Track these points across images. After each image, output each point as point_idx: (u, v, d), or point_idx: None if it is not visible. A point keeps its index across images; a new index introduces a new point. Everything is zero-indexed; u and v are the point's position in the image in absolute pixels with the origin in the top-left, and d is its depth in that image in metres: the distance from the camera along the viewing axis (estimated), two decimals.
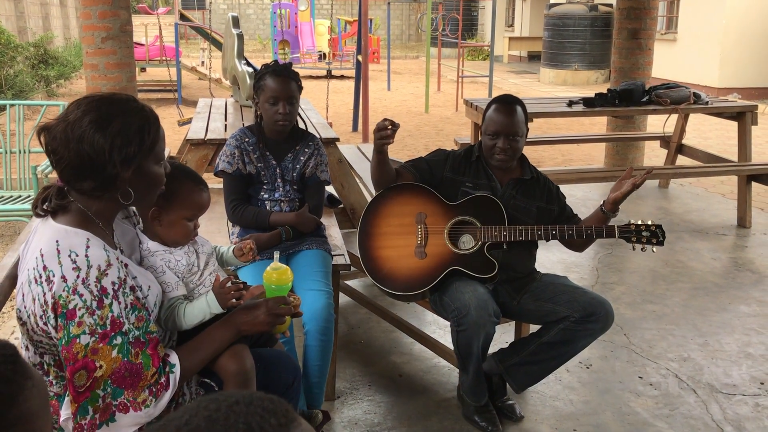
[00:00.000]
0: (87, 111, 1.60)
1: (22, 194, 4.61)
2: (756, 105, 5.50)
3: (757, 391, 3.07)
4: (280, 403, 0.73)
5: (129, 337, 1.58)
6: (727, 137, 9.21)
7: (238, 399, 0.72)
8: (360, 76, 9.32)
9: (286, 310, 1.85)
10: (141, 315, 1.62)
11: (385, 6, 24.58)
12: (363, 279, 3.95)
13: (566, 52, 15.99)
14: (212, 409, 0.71)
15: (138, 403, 1.60)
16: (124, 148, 1.59)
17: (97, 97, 1.65)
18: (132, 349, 1.59)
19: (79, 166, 1.59)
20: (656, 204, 6.03)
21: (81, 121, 1.58)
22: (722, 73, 13.03)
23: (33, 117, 8.91)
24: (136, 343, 1.59)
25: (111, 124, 1.59)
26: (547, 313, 2.67)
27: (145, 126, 1.64)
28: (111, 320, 1.56)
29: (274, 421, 0.70)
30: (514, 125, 2.75)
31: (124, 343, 1.58)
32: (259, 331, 1.85)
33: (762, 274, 4.45)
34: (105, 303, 1.56)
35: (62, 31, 18.08)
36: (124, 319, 1.58)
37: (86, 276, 1.54)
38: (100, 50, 5.53)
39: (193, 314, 1.82)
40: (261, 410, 0.71)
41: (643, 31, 6.60)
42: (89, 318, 1.54)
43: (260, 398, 0.72)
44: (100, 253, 1.58)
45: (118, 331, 1.57)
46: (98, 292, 1.55)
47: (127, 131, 1.60)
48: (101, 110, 1.60)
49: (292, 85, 2.81)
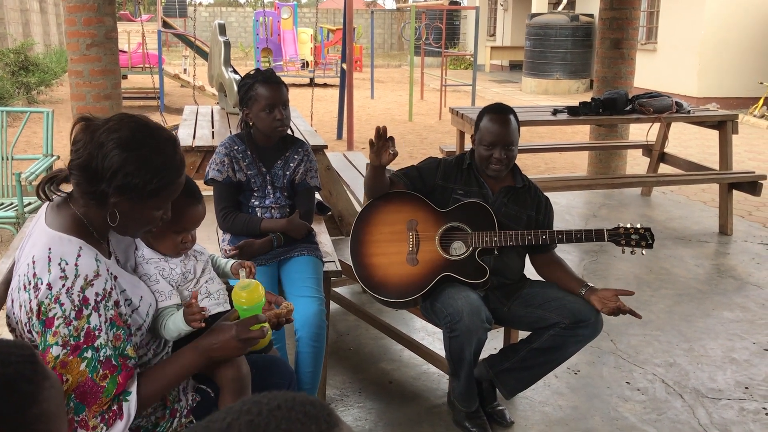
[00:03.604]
0: (125, 126, 1.59)
1: (5, 201, 4.56)
2: (737, 114, 5.59)
3: (742, 396, 3.11)
4: (322, 407, 0.73)
5: (100, 355, 1.54)
6: (707, 146, 9.35)
7: (280, 403, 0.72)
8: (345, 84, 9.33)
9: (257, 333, 1.70)
10: (119, 333, 1.58)
11: (367, 15, 24.68)
12: (351, 286, 3.96)
13: (548, 61, 16.15)
14: (254, 413, 0.71)
15: (90, 429, 1.55)
16: (127, 177, 1.56)
17: (143, 120, 1.64)
18: (100, 370, 1.54)
19: (85, 167, 1.58)
20: (639, 212, 6.09)
21: (114, 132, 1.57)
22: (701, 82, 13.22)
23: (14, 124, 8.81)
24: (106, 363, 1.55)
25: (133, 150, 1.57)
26: (537, 319, 2.69)
27: (161, 171, 1.60)
28: (86, 332, 1.53)
29: (315, 427, 0.70)
30: (509, 135, 2.77)
31: (94, 360, 1.53)
32: (233, 356, 1.75)
33: (744, 281, 4.51)
34: (84, 314, 1.53)
35: (42, 37, 17.94)
36: (101, 333, 1.54)
37: (72, 285, 1.53)
38: (84, 57, 5.51)
39: (170, 329, 1.78)
40: (302, 416, 0.71)
41: (626, 41, 6.69)
42: (64, 329, 1.51)
43: (302, 402, 0.72)
44: (90, 263, 1.57)
45: (90, 345, 1.53)
46: (79, 302, 1.53)
47: (141, 165, 1.57)
48: (136, 134, 1.59)
49: (283, 89, 2.82)
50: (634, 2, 6.65)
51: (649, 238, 2.71)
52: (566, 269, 2.82)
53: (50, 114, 4.75)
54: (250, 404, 0.72)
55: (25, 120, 4.91)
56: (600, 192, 6.55)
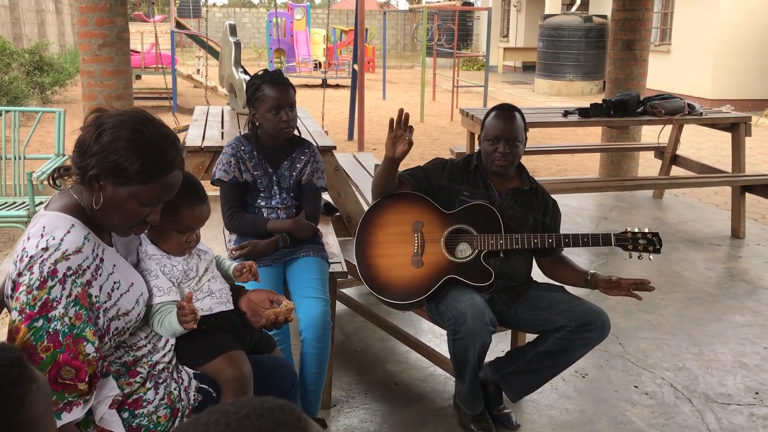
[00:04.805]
0: (130, 115, 1.62)
1: (17, 201, 4.60)
2: (750, 116, 5.53)
3: (752, 401, 3.08)
4: (292, 412, 0.71)
5: (50, 327, 1.50)
6: (721, 148, 9.27)
7: (248, 412, 0.70)
8: (356, 85, 9.34)
9: None
10: (80, 313, 1.54)
11: (380, 16, 24.69)
12: (359, 287, 3.95)
13: (561, 62, 16.08)
14: (223, 424, 0.69)
15: None
16: (113, 154, 1.57)
17: (151, 116, 1.67)
18: (45, 341, 1.49)
19: (81, 142, 1.61)
20: (651, 214, 6.05)
21: (118, 116, 1.61)
22: (715, 84, 13.12)
23: (28, 124, 8.88)
24: (53, 337, 1.50)
25: (127, 131, 1.59)
26: (543, 322, 2.67)
27: (148, 158, 1.59)
28: (43, 302, 1.50)
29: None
30: (514, 130, 2.77)
31: (43, 330, 1.49)
32: None
33: (756, 284, 4.46)
34: (47, 285, 1.51)
35: (57, 38, 18.08)
36: (59, 306, 1.51)
37: (48, 257, 1.53)
38: (96, 57, 5.54)
39: (166, 328, 1.78)
40: (272, 423, 0.69)
41: (638, 42, 6.65)
42: (24, 296, 1.51)
43: (271, 408, 0.71)
44: (76, 239, 1.58)
45: (43, 315, 1.50)
46: (47, 273, 1.51)
47: (130, 146, 1.58)
48: (137, 121, 1.61)
49: (290, 90, 2.83)
50: (646, 3, 6.61)
51: (657, 243, 2.68)
52: (570, 264, 2.84)
53: (62, 114, 4.79)
54: (218, 414, 0.70)
55: (37, 119, 4.94)
56: (611, 194, 6.51)
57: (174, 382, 1.82)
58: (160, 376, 1.81)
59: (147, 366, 1.79)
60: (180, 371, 1.86)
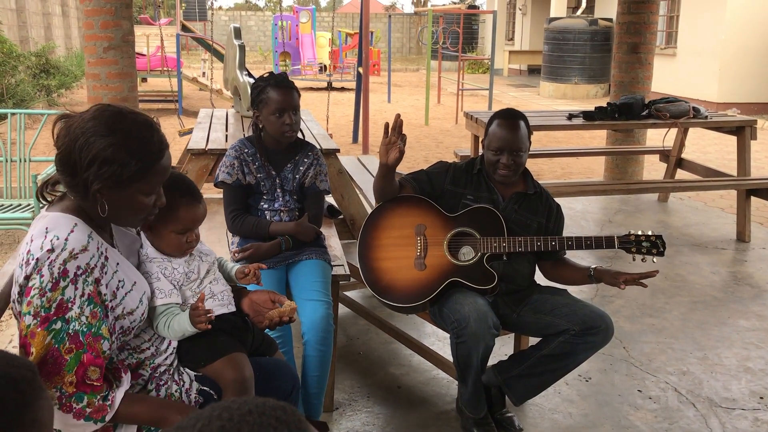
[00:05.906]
0: (98, 116, 1.59)
1: (22, 203, 4.62)
2: (755, 120, 5.51)
3: (757, 406, 3.06)
4: (293, 413, 0.73)
5: (69, 327, 1.52)
6: (726, 152, 9.24)
7: (251, 408, 0.72)
8: (361, 88, 9.35)
9: None
10: (96, 311, 1.57)
11: (386, 19, 24.71)
12: (362, 290, 3.95)
13: (566, 65, 16.07)
14: (225, 419, 0.71)
15: None
16: (104, 164, 1.56)
17: (116, 108, 1.64)
18: (67, 343, 1.52)
19: (65, 160, 1.58)
20: (655, 217, 6.03)
21: (88, 122, 1.58)
22: (721, 87, 13.08)
23: (34, 126, 8.92)
24: (74, 338, 1.53)
25: (107, 136, 1.56)
26: (546, 325, 2.66)
27: (138, 154, 1.59)
28: (58, 303, 1.52)
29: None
30: (517, 141, 2.74)
31: (63, 331, 1.52)
32: None
33: (761, 288, 4.44)
34: (60, 286, 1.52)
35: (64, 41, 18.16)
36: (74, 306, 1.53)
37: (56, 257, 1.53)
38: (101, 60, 5.55)
39: (174, 329, 1.79)
40: (273, 420, 0.71)
41: (643, 46, 6.64)
42: (38, 299, 1.51)
43: (273, 407, 0.72)
44: (80, 237, 1.58)
45: (60, 316, 1.52)
46: (58, 274, 1.52)
47: (117, 150, 1.56)
48: (109, 121, 1.58)
49: (294, 94, 2.83)
50: (652, 6, 6.60)
51: (660, 246, 2.67)
52: (571, 263, 2.84)
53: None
54: (220, 409, 0.72)
55: (42, 122, 4.96)
56: (616, 197, 6.50)
57: (175, 384, 1.82)
58: (161, 378, 1.81)
59: (149, 368, 1.79)
60: (181, 373, 1.86)
